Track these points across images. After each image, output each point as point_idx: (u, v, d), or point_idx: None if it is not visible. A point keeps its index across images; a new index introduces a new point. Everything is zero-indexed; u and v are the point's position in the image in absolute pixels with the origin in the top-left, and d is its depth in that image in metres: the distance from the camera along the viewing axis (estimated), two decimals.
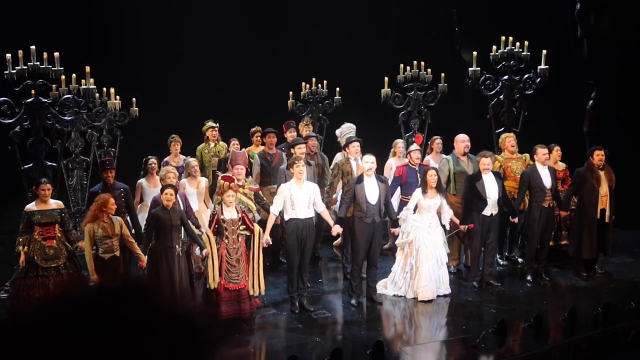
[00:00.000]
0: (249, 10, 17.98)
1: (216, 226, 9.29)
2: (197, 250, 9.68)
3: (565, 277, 11.36)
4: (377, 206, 9.92)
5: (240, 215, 9.38)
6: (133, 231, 9.99)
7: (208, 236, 9.27)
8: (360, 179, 9.98)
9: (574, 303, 9.90)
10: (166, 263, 8.95)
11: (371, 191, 9.88)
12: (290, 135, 12.71)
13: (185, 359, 1.50)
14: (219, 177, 9.93)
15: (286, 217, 9.76)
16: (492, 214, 10.62)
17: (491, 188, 10.53)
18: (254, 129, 13.34)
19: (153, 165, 11.15)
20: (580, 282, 11.14)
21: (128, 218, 10.20)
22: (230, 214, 9.32)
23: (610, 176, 11.21)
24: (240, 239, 9.39)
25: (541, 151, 10.93)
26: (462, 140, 11.37)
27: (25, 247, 9.11)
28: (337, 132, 12.99)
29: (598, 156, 11.07)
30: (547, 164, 10.99)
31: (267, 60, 17.74)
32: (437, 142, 12.27)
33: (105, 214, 8.92)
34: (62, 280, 8.99)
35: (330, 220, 10.14)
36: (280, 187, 10.03)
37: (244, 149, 11.91)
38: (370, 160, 9.98)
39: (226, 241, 9.28)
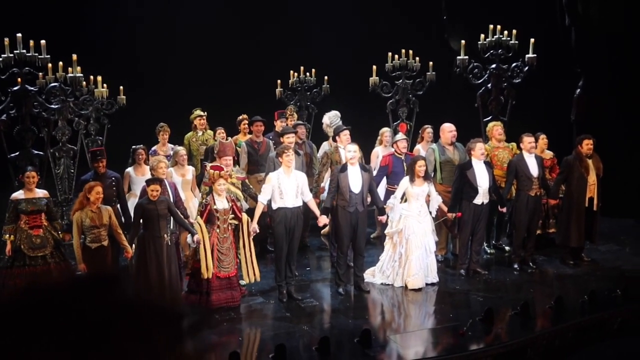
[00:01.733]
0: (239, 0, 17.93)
1: (208, 216, 9.29)
2: (188, 237, 9.67)
3: (552, 265, 11.40)
4: (361, 195, 9.92)
5: (230, 205, 9.39)
6: (123, 219, 9.98)
7: (199, 225, 9.27)
8: (344, 168, 9.98)
9: (561, 291, 9.95)
10: (154, 253, 8.94)
11: (354, 180, 9.88)
12: (281, 124, 12.69)
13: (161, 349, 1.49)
14: (208, 167, 9.91)
15: (274, 206, 9.75)
16: (482, 203, 10.64)
17: (482, 177, 10.54)
18: (240, 117, 13.30)
19: (141, 154, 11.12)
20: (567, 270, 11.19)
21: (118, 206, 10.18)
22: (222, 203, 9.33)
23: (598, 164, 11.24)
24: (229, 228, 9.41)
25: (527, 139, 10.95)
26: (449, 130, 11.37)
27: (12, 236, 9.08)
28: (325, 120, 12.99)
29: (587, 145, 11.09)
30: (533, 152, 11.01)
31: (255, 48, 17.69)
32: (428, 131, 12.26)
33: (93, 203, 8.88)
34: (49, 269, 8.97)
35: (316, 209, 10.14)
36: (268, 175, 10.04)
37: (229, 139, 11.86)
38: (353, 149, 9.99)
39: (217, 230, 9.28)
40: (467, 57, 13.05)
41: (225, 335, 8.76)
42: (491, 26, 13.06)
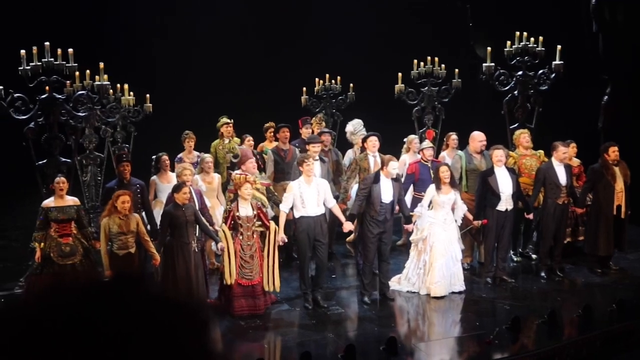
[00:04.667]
0: (264, 7, 17.96)
1: (232, 222, 9.32)
2: (212, 245, 9.72)
3: (579, 273, 11.31)
4: (391, 205, 9.92)
5: (255, 212, 9.40)
6: (148, 227, 10.02)
7: (224, 232, 9.30)
8: (377, 179, 9.95)
9: (589, 299, 9.87)
10: (183, 259, 8.96)
11: (386, 190, 9.88)
12: (306, 131, 12.72)
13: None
14: (234, 174, 9.94)
15: (297, 215, 9.76)
16: (506, 209, 10.57)
17: (504, 183, 10.48)
18: (267, 125, 13.35)
19: (165, 161, 11.16)
20: (595, 278, 11.10)
21: (143, 214, 10.23)
22: (245, 210, 9.35)
23: (625, 172, 11.16)
24: (255, 235, 9.42)
25: (562, 149, 10.84)
26: (479, 140, 11.30)
27: (42, 244, 9.14)
28: (349, 128, 13.00)
29: (614, 152, 11.01)
30: (565, 162, 10.94)
31: (280, 56, 17.73)
32: (453, 138, 12.22)
33: (120, 212, 8.92)
34: (77, 277, 9.00)
35: (341, 216, 10.14)
36: (289, 184, 10.05)
37: (244, 145, 11.94)
38: (397, 166, 10.05)
39: (240, 237, 9.31)
40: (493, 64, 12.99)
41: (251, 343, 8.78)
42: (517, 33, 13.00)
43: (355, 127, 12.95)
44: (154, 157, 11.37)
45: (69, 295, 1.48)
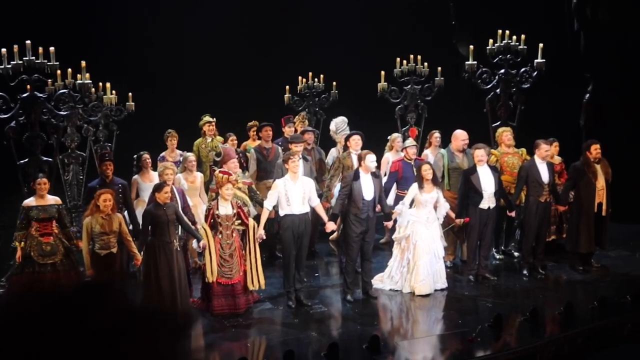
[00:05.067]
0: (247, 7, 17.92)
1: (211, 220, 9.31)
2: (194, 243, 9.70)
3: (561, 271, 11.37)
4: (372, 202, 9.93)
5: (235, 211, 9.40)
6: (131, 227, 9.99)
7: (205, 230, 9.29)
8: (356, 176, 9.96)
9: (570, 297, 9.89)
10: (165, 259, 8.93)
11: (367, 187, 9.89)
12: (289, 130, 12.71)
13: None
14: (216, 172, 9.91)
15: (281, 213, 9.76)
16: (489, 208, 10.62)
17: (487, 181, 10.52)
18: (250, 123, 13.35)
19: (147, 160, 11.13)
20: (577, 275, 11.15)
21: (126, 213, 10.19)
22: (225, 209, 9.33)
23: (606, 170, 11.21)
24: (234, 234, 9.41)
25: (545, 147, 10.90)
26: (462, 139, 11.34)
27: (22, 243, 9.11)
28: (332, 127, 13.02)
29: (596, 150, 11.06)
30: (547, 160, 10.99)
31: (264, 55, 17.70)
32: (436, 136, 12.24)
33: (102, 211, 8.87)
34: (58, 276, 8.99)
35: (324, 215, 10.15)
36: (274, 182, 10.04)
37: (227, 145, 11.93)
38: (375, 159, 10.02)
39: (220, 236, 9.30)
40: (475, 62, 13.03)
41: (234, 341, 8.77)
42: (500, 31, 13.05)
43: (338, 125, 12.97)
44: (135, 156, 11.33)
45: (48, 298, 1.48)
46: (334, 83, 15.37)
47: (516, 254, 11.97)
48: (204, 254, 9.31)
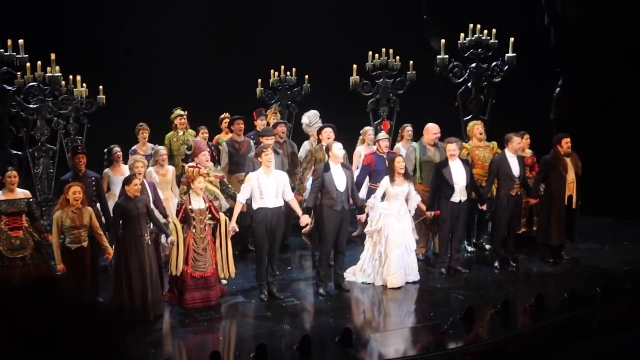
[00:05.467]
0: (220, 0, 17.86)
1: (184, 215, 9.28)
2: (162, 238, 9.66)
3: (532, 263, 11.45)
4: (346, 193, 9.93)
5: (207, 205, 9.37)
6: (104, 220, 9.91)
7: (175, 225, 9.25)
8: (327, 167, 9.97)
9: (541, 289, 9.97)
10: (136, 252, 8.87)
11: (339, 179, 9.89)
12: (261, 123, 12.69)
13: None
14: (187, 166, 9.87)
15: (255, 207, 9.74)
16: (460, 201, 10.68)
17: (458, 175, 10.58)
18: (223, 116, 13.33)
19: (118, 154, 11.03)
20: (547, 268, 11.24)
21: (99, 207, 10.10)
22: (198, 203, 9.31)
23: (576, 163, 11.30)
24: (207, 228, 9.39)
25: (516, 140, 10.97)
26: (434, 132, 11.39)
27: None
28: (305, 120, 13.00)
29: (567, 144, 11.14)
30: (518, 154, 11.06)
31: (236, 48, 17.63)
32: (408, 129, 12.28)
33: (72, 204, 8.79)
34: (28, 270, 8.91)
35: (298, 209, 10.12)
36: (248, 175, 10.01)
37: (199, 137, 11.88)
38: (341, 147, 10.02)
39: (194, 230, 9.27)
40: (447, 56, 13.07)
41: (206, 334, 8.75)
42: (471, 26, 13.10)
43: (311, 119, 12.96)
44: (106, 150, 11.23)
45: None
46: (307, 77, 15.37)
47: (488, 246, 12.05)
48: (172, 249, 9.29)
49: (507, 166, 10.90)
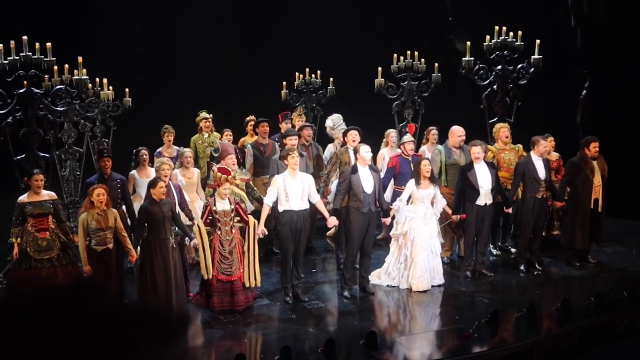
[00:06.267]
0: (244, 1, 17.92)
1: (209, 217, 9.30)
2: (186, 241, 9.72)
3: (557, 266, 11.39)
4: (373, 195, 9.92)
5: (233, 207, 9.39)
6: (129, 222, 9.98)
7: (199, 227, 9.28)
8: (355, 169, 9.97)
9: (567, 293, 9.92)
10: (161, 255, 8.89)
11: (366, 180, 9.89)
12: (286, 126, 12.72)
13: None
14: (215, 168, 9.90)
15: (280, 209, 9.75)
16: (485, 204, 10.63)
17: (483, 178, 10.54)
18: (248, 118, 13.36)
19: (144, 156, 11.11)
20: (573, 271, 11.17)
21: (124, 208, 10.18)
22: (222, 205, 9.33)
23: (603, 166, 11.23)
24: (234, 231, 9.40)
25: (543, 143, 10.92)
26: (458, 135, 11.35)
27: (19, 239, 9.09)
28: (328, 123, 13.03)
29: (594, 148, 11.07)
30: (545, 156, 11.00)
31: (261, 50, 17.69)
32: (433, 132, 12.27)
33: (97, 206, 8.85)
34: (55, 272, 8.99)
35: (325, 211, 10.13)
36: (274, 178, 10.03)
37: (225, 140, 11.90)
38: (369, 150, 10.02)
39: (219, 232, 9.29)
40: (472, 58, 13.02)
41: (231, 337, 8.77)
42: (497, 27, 13.04)
43: (334, 122, 12.98)
44: (134, 150, 11.30)
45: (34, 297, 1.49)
46: (331, 79, 15.38)
47: (513, 250, 11.99)
48: (199, 252, 9.33)
49: (533, 169, 10.85)
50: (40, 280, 8.62)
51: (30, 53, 10.22)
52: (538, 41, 12.79)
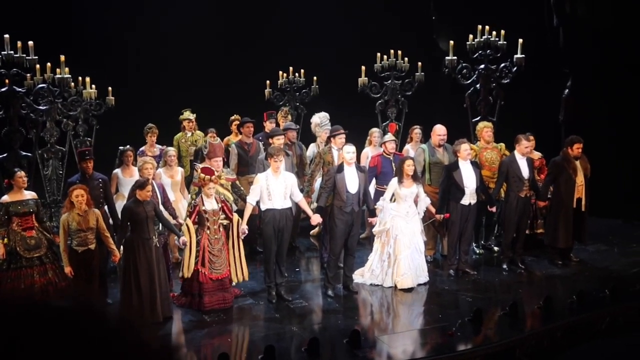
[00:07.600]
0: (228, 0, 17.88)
1: (197, 217, 9.29)
2: (175, 239, 9.68)
3: (540, 265, 11.43)
4: (357, 195, 9.93)
5: (220, 206, 9.39)
6: (111, 221, 9.92)
7: (188, 226, 9.26)
8: (340, 168, 9.98)
9: (550, 291, 9.96)
10: (144, 255, 8.86)
11: (351, 180, 9.90)
12: (270, 125, 12.72)
13: None
14: (199, 169, 9.87)
15: (263, 208, 9.75)
16: (470, 204, 10.67)
17: (469, 177, 10.57)
18: (232, 118, 13.33)
19: (129, 156, 11.06)
20: (556, 270, 11.22)
21: (106, 208, 10.12)
22: (211, 204, 9.33)
23: (585, 165, 11.28)
24: (221, 229, 9.40)
25: (525, 142, 10.97)
26: (438, 134, 11.38)
27: (5, 239, 9.03)
28: (315, 119, 13.01)
29: (578, 148, 11.11)
30: (527, 155, 11.04)
31: (244, 49, 17.65)
32: (417, 131, 12.28)
33: (77, 207, 8.78)
34: (45, 269, 8.96)
35: (308, 209, 10.15)
36: (256, 176, 10.03)
37: (218, 139, 11.85)
38: (351, 150, 10.01)
39: (208, 231, 9.28)
40: (455, 57, 13.06)
41: (215, 337, 8.75)
42: (480, 27, 13.09)
43: (322, 119, 12.97)
44: (120, 148, 11.21)
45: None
46: (315, 78, 15.37)
47: (496, 248, 12.04)
48: (184, 250, 9.31)
49: (517, 168, 10.89)
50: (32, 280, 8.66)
51: (12, 51, 10.18)
52: (521, 40, 12.85)
